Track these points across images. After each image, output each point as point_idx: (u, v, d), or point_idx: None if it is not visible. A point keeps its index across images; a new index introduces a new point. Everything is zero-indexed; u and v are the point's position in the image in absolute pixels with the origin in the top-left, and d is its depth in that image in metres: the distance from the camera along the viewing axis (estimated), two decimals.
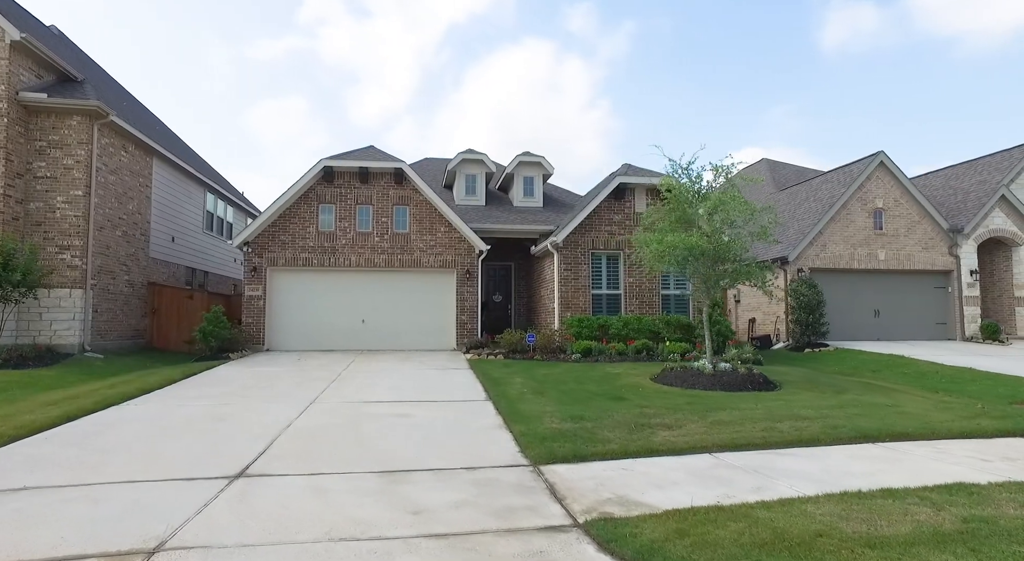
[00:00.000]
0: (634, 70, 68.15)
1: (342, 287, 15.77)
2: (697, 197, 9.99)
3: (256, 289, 15.31)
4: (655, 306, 15.01)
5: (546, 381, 9.93)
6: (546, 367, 11.82)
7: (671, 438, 6.08)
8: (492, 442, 6.22)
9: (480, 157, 18.35)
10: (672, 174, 10.12)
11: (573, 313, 14.59)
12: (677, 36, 62.27)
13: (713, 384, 9.01)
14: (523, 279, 19.27)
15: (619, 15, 65.37)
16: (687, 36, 62.46)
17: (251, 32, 73.38)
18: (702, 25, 58.93)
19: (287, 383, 9.94)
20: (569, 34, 69.99)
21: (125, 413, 7.40)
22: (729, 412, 7.25)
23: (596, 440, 5.99)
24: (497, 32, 72.45)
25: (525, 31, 71.78)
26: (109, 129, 13.93)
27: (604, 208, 15.12)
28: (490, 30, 72.07)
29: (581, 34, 69.66)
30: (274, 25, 74.95)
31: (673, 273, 10.63)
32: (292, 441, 6.08)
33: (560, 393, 8.81)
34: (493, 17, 70.56)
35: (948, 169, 20.95)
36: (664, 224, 10.35)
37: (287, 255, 15.49)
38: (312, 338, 15.46)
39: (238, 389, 9.28)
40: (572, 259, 14.85)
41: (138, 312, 15.59)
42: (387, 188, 16.05)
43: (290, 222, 15.64)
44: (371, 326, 15.71)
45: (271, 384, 9.81)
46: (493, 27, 71.74)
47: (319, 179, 15.81)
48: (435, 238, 16.01)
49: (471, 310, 15.88)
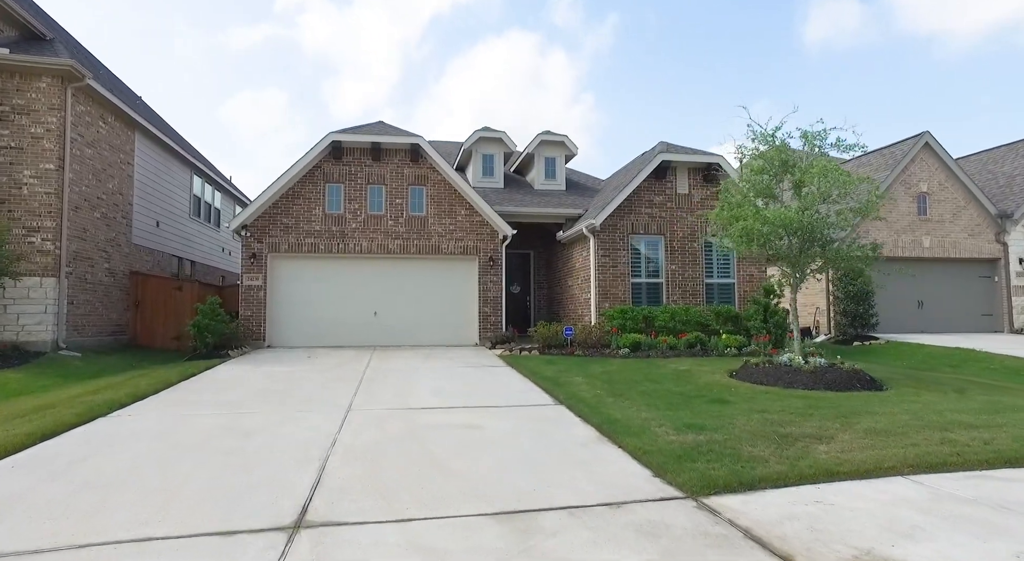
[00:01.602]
0: (618, 64, 67.01)
1: (352, 276, 14.20)
2: (783, 168, 8.66)
3: (255, 278, 13.66)
4: (699, 295, 13.73)
5: (613, 380, 8.56)
6: (597, 363, 10.45)
7: (836, 455, 4.75)
8: (605, 461, 4.83)
9: (499, 135, 16.86)
10: (754, 141, 8.76)
11: (611, 304, 13.23)
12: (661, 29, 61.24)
13: (815, 382, 7.72)
14: (544, 268, 17.85)
15: (604, 8, 64.09)
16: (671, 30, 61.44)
17: (225, 20, 70.47)
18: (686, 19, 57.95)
19: (309, 385, 8.41)
20: (554, 27, 68.54)
21: (119, 427, 5.83)
22: (871, 418, 5.95)
23: (745, 458, 4.63)
24: (481, 24, 70.66)
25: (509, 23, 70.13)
26: (85, 95, 12.14)
27: (644, 189, 13.77)
28: (474, 22, 70.26)
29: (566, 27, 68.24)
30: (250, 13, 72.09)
31: (738, 253, 9.28)
32: (349, 465, 4.60)
33: (641, 394, 7.44)
34: (478, 8, 68.77)
35: (984, 153, 20.03)
36: (736, 199, 9.01)
37: (290, 240, 13.86)
38: (318, 333, 13.87)
39: (253, 394, 7.72)
40: (610, 245, 13.48)
41: (120, 305, 13.84)
42: (402, 166, 14.49)
43: (294, 203, 14.00)
44: (384, 319, 14.17)
45: (291, 387, 8.27)
46: (477, 19, 69.94)
47: (326, 156, 14.19)
48: (455, 222, 14.50)
49: (495, 301, 14.43)
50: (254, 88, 79.01)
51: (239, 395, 7.61)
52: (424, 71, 79.28)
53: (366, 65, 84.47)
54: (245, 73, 78.99)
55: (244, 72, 78.91)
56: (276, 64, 77.61)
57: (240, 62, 77.09)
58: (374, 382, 8.73)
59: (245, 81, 79.32)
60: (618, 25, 65.35)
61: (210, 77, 78.94)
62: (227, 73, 78.60)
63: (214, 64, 77.81)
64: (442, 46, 73.90)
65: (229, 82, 79.37)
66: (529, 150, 17.19)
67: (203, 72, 78.52)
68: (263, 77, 79.37)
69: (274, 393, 7.82)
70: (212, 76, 79.02)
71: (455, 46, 73.12)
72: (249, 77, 79.42)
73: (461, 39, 72.07)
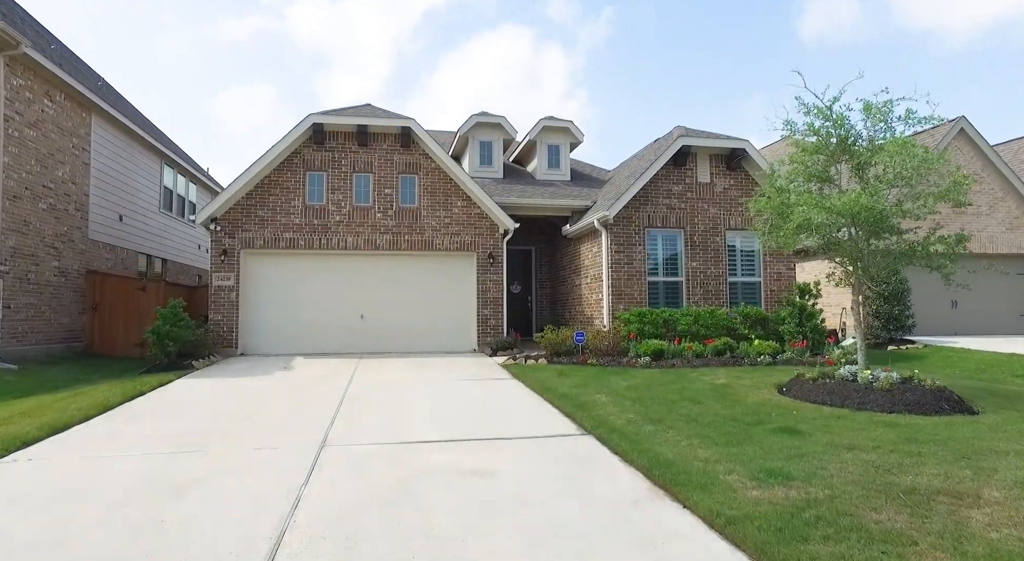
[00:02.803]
0: (613, 59, 65.61)
1: (336, 274, 12.73)
2: (841, 147, 7.30)
3: (227, 278, 12.15)
4: (722, 296, 12.39)
5: (643, 398, 7.18)
6: (616, 375, 9.07)
7: (1008, 531, 3.37)
8: (674, 534, 3.44)
9: (497, 120, 15.42)
10: (807, 115, 7.37)
11: (626, 305, 11.86)
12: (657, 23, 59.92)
13: (892, 403, 6.37)
14: (547, 266, 16.46)
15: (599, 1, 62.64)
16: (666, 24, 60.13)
17: (214, 11, 68.29)
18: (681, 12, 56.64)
19: (279, 407, 6.96)
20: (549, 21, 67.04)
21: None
22: (1003, 460, 4.60)
23: (877, 535, 3.25)
24: (476, 18, 69.01)
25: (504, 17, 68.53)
26: (24, 68, 10.58)
27: (661, 177, 12.39)
28: (469, 15, 68.59)
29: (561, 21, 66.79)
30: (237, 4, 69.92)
31: (786, 248, 7.91)
32: (312, 552, 3.17)
33: (685, 420, 6.06)
34: (473, 2, 67.09)
35: (1016, 141, 18.85)
36: (781, 183, 7.65)
37: (266, 235, 12.36)
38: (298, 339, 12.40)
39: (207, 420, 6.25)
40: (625, 239, 12.09)
41: (73, 308, 12.28)
42: (391, 152, 13.02)
43: (270, 194, 12.49)
44: (372, 323, 12.72)
45: (256, 410, 6.81)
46: (472, 12, 68.29)
47: (307, 140, 12.70)
48: (450, 214, 13.06)
49: (495, 303, 13.02)
50: (244, 83, 76.97)
51: (189, 423, 6.14)
52: (417, 66, 77.59)
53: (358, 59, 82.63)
54: (235, 68, 76.89)
55: (234, 67, 76.81)
56: (267, 58, 75.61)
57: (229, 56, 75.00)
58: (358, 402, 7.29)
59: (235, 76, 77.24)
60: (614, 19, 64.02)
61: (199, 72, 76.76)
62: (216, 68, 76.47)
63: (203, 58, 75.64)
64: (435, 40, 72.22)
65: (219, 77, 77.25)
66: (531, 137, 15.77)
67: (192, 67, 76.32)
68: (253, 72, 77.31)
69: (234, 419, 6.36)
70: (201, 71, 76.85)
71: (449, 40, 71.46)
72: (239, 72, 77.34)
73: (455, 33, 70.42)
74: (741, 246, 12.74)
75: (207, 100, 76.31)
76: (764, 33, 60.48)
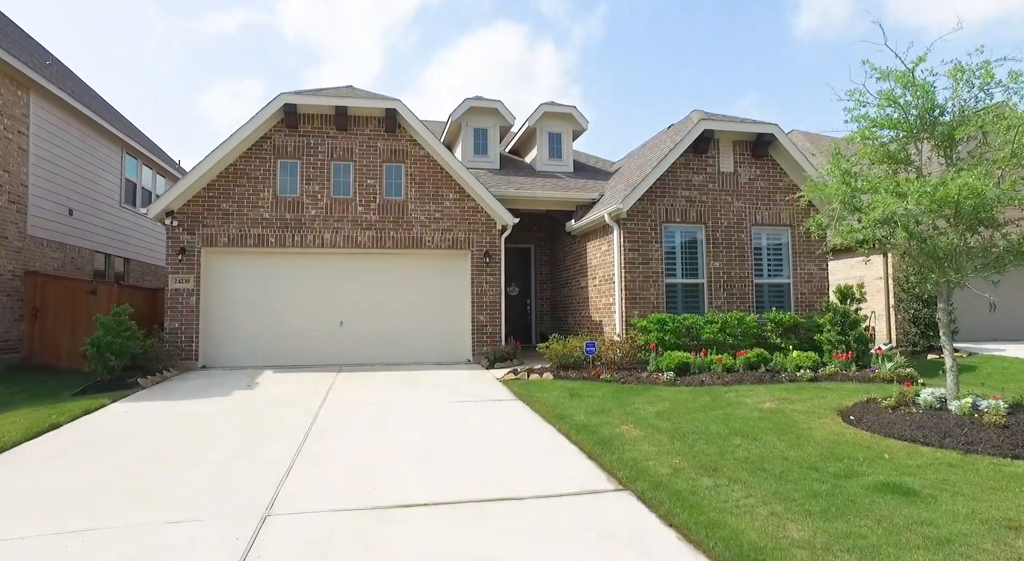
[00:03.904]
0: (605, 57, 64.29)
1: (311, 276, 11.22)
2: (922, 123, 5.92)
3: (185, 280, 10.60)
4: (748, 300, 11.01)
5: (681, 431, 5.75)
6: (638, 395, 7.64)
7: None
8: None
9: (493, 105, 13.95)
10: (882, 80, 5.99)
11: (642, 311, 10.45)
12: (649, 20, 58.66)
13: (1014, 444, 4.95)
14: (547, 266, 15.04)
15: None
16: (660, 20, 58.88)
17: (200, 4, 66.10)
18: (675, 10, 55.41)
19: (224, 445, 5.45)
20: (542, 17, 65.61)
21: None
22: None
23: None
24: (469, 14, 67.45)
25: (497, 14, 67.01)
26: None
27: (679, 166, 10.99)
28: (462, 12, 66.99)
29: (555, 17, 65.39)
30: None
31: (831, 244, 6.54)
32: None
33: (746, 466, 4.64)
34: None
35: None
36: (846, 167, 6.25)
37: (231, 231, 10.82)
38: (268, 349, 10.89)
39: (118, 470, 4.74)
40: (640, 235, 10.67)
41: (7, 314, 10.69)
42: (374, 138, 11.52)
43: (236, 184, 10.96)
44: (353, 331, 11.22)
45: (194, 450, 5.31)
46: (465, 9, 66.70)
47: (278, 124, 11.17)
48: (442, 208, 11.59)
49: (492, 307, 11.56)
50: (231, 78, 74.89)
51: (95, 472, 4.64)
52: (408, 62, 75.87)
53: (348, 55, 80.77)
54: (222, 62, 74.76)
55: (221, 61, 74.69)
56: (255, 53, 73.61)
57: (216, 51, 72.88)
58: (326, 435, 5.82)
59: (222, 71, 75.11)
60: (607, 16, 62.70)
61: (184, 67, 74.53)
62: (203, 62, 74.29)
63: (189, 53, 73.43)
64: (428, 36, 70.57)
65: (206, 72, 75.08)
66: (530, 124, 14.33)
67: (176, 61, 74.09)
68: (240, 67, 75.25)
69: (160, 464, 4.87)
70: (186, 66, 74.63)
71: (441, 36, 69.83)
72: (226, 67, 75.24)
73: (447, 29, 68.81)
74: (768, 244, 11.38)
75: (194, 96, 74.18)
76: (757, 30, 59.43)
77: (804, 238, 11.33)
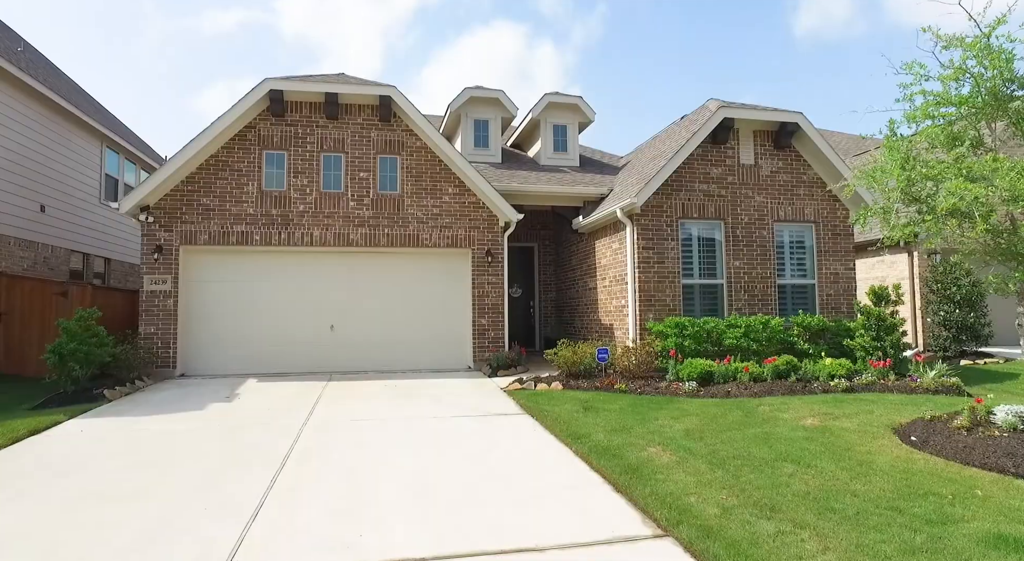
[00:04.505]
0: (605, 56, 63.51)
1: (299, 276, 10.40)
2: (994, 99, 5.13)
3: (162, 281, 9.77)
4: (770, 301, 10.22)
5: (718, 454, 4.94)
6: (660, 409, 6.84)
7: None
8: None
9: (494, 95, 13.15)
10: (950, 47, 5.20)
11: (658, 314, 9.65)
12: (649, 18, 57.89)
13: None
14: (552, 265, 14.23)
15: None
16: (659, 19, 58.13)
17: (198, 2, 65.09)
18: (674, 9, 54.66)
19: (184, 476, 4.62)
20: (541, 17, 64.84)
21: None
22: None
23: None
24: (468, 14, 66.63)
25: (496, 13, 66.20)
26: None
27: (697, 157, 10.20)
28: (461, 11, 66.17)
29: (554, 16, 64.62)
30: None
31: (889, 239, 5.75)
32: None
33: (813, 506, 3.83)
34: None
35: None
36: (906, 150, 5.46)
37: (212, 228, 9.99)
38: (252, 356, 10.05)
39: (37, 514, 3.89)
40: (655, 232, 9.87)
41: None
42: (367, 128, 10.70)
43: (217, 177, 10.13)
44: (344, 335, 10.40)
45: (144, 483, 4.47)
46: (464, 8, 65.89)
47: (263, 112, 10.35)
48: (440, 203, 10.77)
49: (494, 310, 10.75)
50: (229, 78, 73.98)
51: (12, 518, 3.81)
52: (407, 61, 75.03)
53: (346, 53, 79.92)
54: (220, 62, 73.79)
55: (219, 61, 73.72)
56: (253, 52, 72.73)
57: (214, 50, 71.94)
58: (308, 462, 5.00)
59: (220, 70, 74.13)
60: (607, 15, 61.95)
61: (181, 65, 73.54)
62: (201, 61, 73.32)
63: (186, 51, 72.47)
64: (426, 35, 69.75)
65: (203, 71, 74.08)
66: (533, 115, 13.53)
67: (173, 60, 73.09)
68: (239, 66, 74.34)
69: (101, 503, 4.03)
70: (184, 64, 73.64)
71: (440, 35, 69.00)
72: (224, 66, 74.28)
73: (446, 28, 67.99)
74: (791, 241, 10.59)
75: (191, 95, 73.17)
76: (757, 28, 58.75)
77: (829, 236, 10.56)
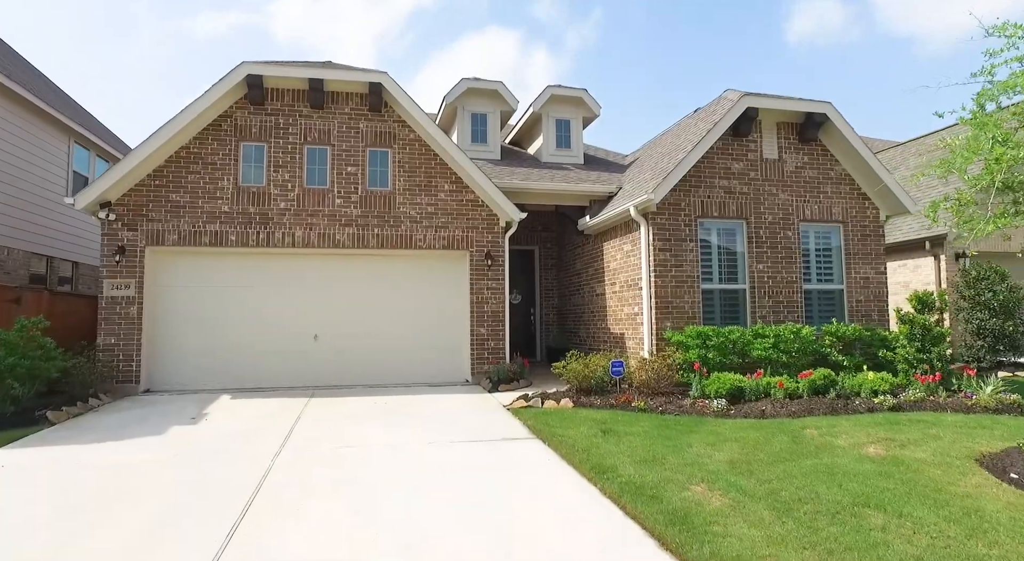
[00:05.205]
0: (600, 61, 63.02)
1: (280, 281, 9.41)
2: None
3: (124, 285, 8.75)
4: (796, 308, 9.36)
5: (779, 497, 4.03)
6: (691, 432, 5.92)
7: None
8: None
9: (494, 86, 12.26)
10: None
11: (676, 322, 8.75)
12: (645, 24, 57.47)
13: None
14: (554, 270, 13.32)
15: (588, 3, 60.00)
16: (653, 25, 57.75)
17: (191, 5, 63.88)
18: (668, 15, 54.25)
19: (114, 536, 3.59)
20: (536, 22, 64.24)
21: None
22: None
23: None
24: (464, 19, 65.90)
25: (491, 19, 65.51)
26: None
27: (716, 151, 9.35)
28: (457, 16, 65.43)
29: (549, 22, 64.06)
30: None
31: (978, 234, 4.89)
32: None
33: None
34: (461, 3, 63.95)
35: None
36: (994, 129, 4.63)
37: (183, 227, 9.00)
38: (226, 369, 9.05)
39: None
40: (672, 233, 8.99)
41: None
42: (356, 118, 9.77)
43: (189, 170, 9.15)
44: (329, 346, 9.42)
45: (58, 544, 3.48)
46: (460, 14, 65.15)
47: (240, 99, 9.40)
48: (435, 201, 9.85)
49: (495, 317, 9.82)
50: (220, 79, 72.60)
51: None
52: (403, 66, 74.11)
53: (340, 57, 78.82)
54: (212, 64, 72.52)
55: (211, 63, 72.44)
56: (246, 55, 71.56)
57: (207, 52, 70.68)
58: (278, 509, 4.03)
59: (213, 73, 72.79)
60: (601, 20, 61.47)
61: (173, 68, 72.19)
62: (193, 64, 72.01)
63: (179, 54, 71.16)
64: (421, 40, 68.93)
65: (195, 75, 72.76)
66: (535, 109, 12.64)
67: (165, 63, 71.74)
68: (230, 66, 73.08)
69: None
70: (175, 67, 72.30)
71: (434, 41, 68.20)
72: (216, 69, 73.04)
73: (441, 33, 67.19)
74: (817, 243, 9.76)
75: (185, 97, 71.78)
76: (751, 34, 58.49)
77: (859, 237, 9.73)
